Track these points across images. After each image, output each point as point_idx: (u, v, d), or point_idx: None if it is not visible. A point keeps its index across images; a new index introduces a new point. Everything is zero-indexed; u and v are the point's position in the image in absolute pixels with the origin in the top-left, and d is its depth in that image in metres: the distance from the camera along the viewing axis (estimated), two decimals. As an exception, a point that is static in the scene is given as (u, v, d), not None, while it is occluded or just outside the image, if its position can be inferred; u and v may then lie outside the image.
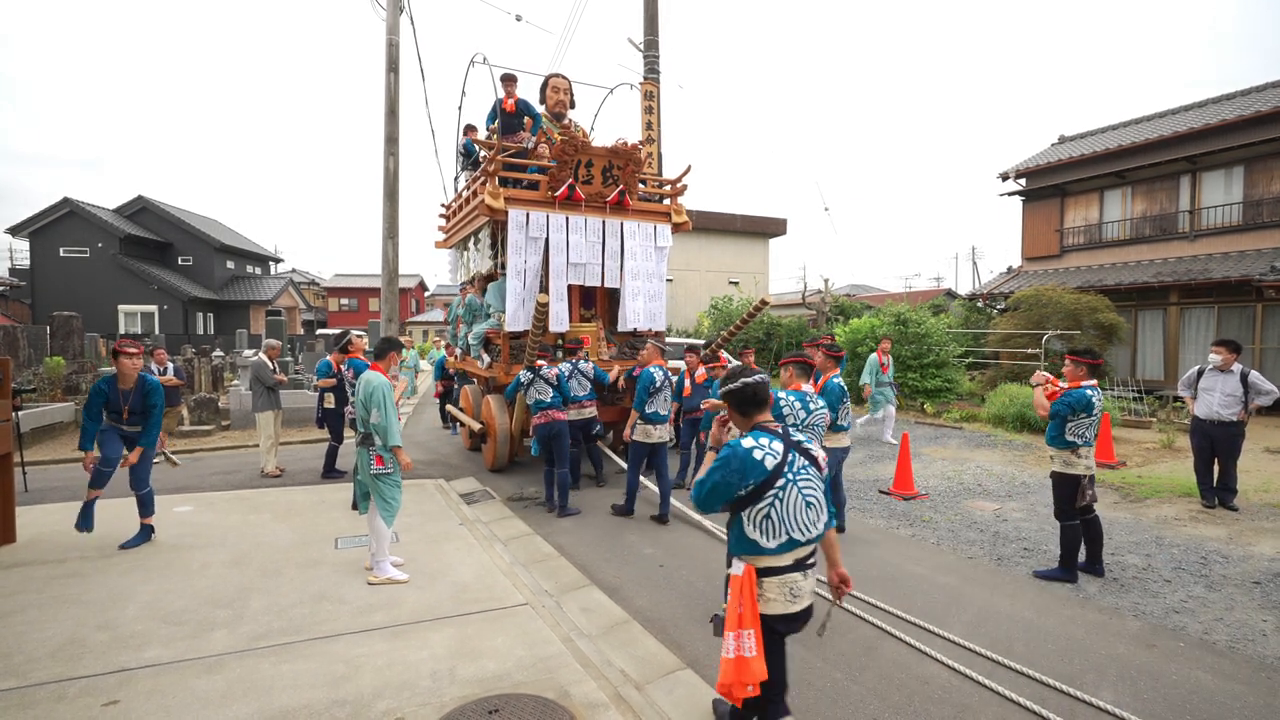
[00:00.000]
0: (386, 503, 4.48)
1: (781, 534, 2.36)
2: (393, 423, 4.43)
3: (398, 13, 9.75)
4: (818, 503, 2.44)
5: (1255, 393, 6.14)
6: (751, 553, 2.38)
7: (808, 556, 2.45)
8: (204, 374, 15.33)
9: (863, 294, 31.48)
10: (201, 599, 4.10)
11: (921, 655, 3.54)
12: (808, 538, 2.40)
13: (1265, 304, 12.71)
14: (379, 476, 4.47)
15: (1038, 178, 17.15)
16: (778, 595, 2.37)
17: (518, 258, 7.48)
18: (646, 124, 10.85)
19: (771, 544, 2.35)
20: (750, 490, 2.33)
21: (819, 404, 3.95)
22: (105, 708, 2.92)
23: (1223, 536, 5.50)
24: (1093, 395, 4.50)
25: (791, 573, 2.39)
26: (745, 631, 2.27)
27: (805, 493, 2.39)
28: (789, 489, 2.36)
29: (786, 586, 2.38)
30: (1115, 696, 3.13)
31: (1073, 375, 4.63)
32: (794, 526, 2.37)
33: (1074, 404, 4.46)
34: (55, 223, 28.70)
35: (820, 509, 2.45)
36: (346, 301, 46.35)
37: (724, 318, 18.85)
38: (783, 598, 2.38)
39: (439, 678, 3.20)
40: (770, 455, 2.35)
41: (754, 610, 2.31)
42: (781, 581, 2.38)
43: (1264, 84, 14.82)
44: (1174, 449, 9.07)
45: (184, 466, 8.51)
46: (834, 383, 5.42)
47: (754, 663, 2.24)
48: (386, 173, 9.66)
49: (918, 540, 5.52)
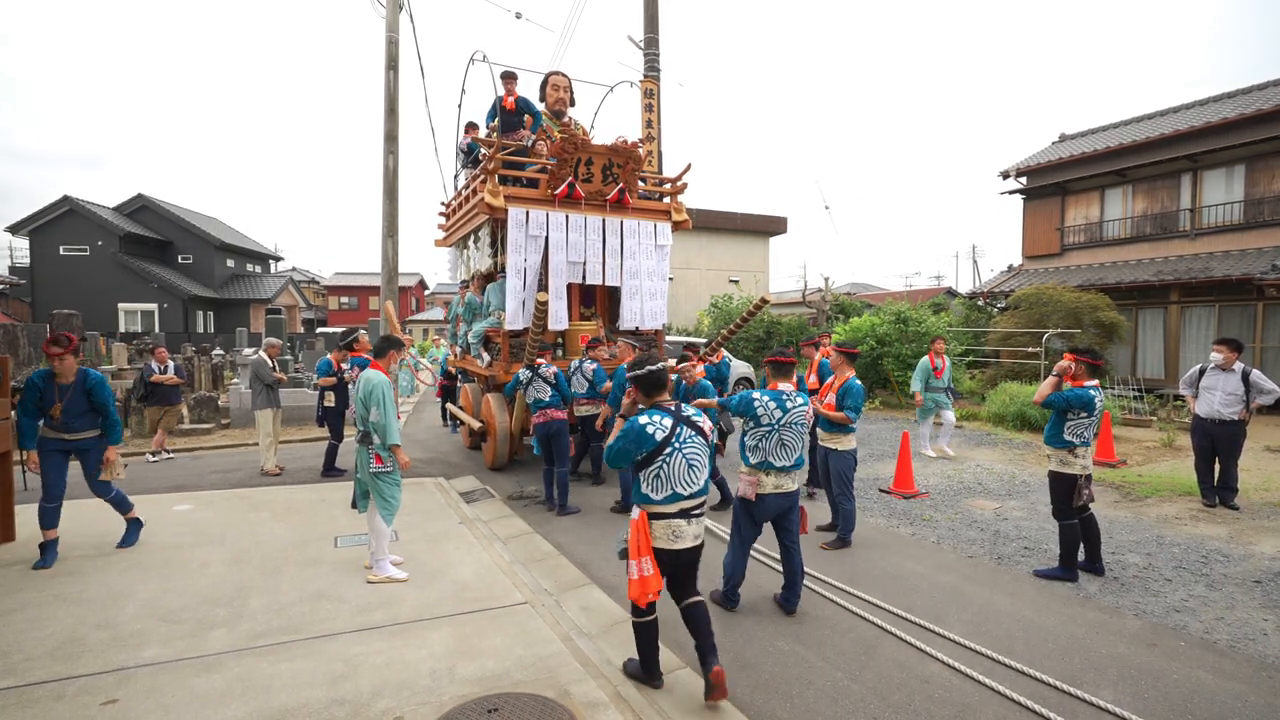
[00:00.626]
0: (386, 501, 4.45)
1: (667, 489, 3.03)
2: (391, 421, 4.39)
3: (397, 10, 9.73)
4: (700, 464, 3.11)
5: (1257, 392, 6.13)
6: (644, 503, 3.08)
7: (692, 508, 3.11)
8: (204, 372, 15.33)
9: (863, 292, 31.47)
10: (200, 598, 4.10)
11: (922, 654, 3.54)
12: (690, 492, 3.07)
13: (1266, 303, 12.70)
14: (378, 475, 4.44)
15: (1038, 176, 17.13)
16: (661, 535, 3.05)
17: (518, 256, 7.46)
18: (646, 122, 10.82)
19: (659, 496, 3.04)
20: (643, 456, 3.02)
21: (798, 401, 3.92)
22: (104, 706, 2.91)
23: (1224, 535, 5.49)
24: (1095, 395, 4.49)
25: (675, 519, 3.06)
26: (643, 559, 2.97)
27: (689, 458, 3.06)
28: (674, 455, 3.02)
29: (670, 529, 3.06)
30: (1116, 696, 3.13)
31: (1074, 375, 4.63)
32: (678, 483, 3.04)
33: (1074, 401, 4.45)
34: (55, 221, 28.71)
35: (702, 469, 3.12)
36: (346, 300, 46.35)
37: (724, 316, 18.84)
38: (666, 537, 3.05)
39: (438, 677, 3.19)
40: (660, 430, 3.02)
41: (647, 543, 3.00)
42: (666, 525, 3.06)
43: (1265, 82, 14.79)
44: (1174, 448, 9.07)
45: (182, 465, 8.50)
46: (855, 384, 5.30)
47: (651, 580, 2.96)
48: (386, 171, 9.64)
49: (918, 539, 5.51)
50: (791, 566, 4.04)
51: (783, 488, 3.88)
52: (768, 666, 3.44)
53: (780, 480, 3.87)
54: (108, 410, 4.91)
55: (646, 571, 2.96)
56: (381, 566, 4.44)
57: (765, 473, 3.86)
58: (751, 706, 3.08)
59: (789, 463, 3.86)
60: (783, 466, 3.85)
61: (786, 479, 3.89)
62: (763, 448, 3.83)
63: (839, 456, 5.31)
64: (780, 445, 3.83)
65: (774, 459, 3.83)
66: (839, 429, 5.33)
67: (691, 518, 3.10)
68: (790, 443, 3.85)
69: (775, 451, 3.83)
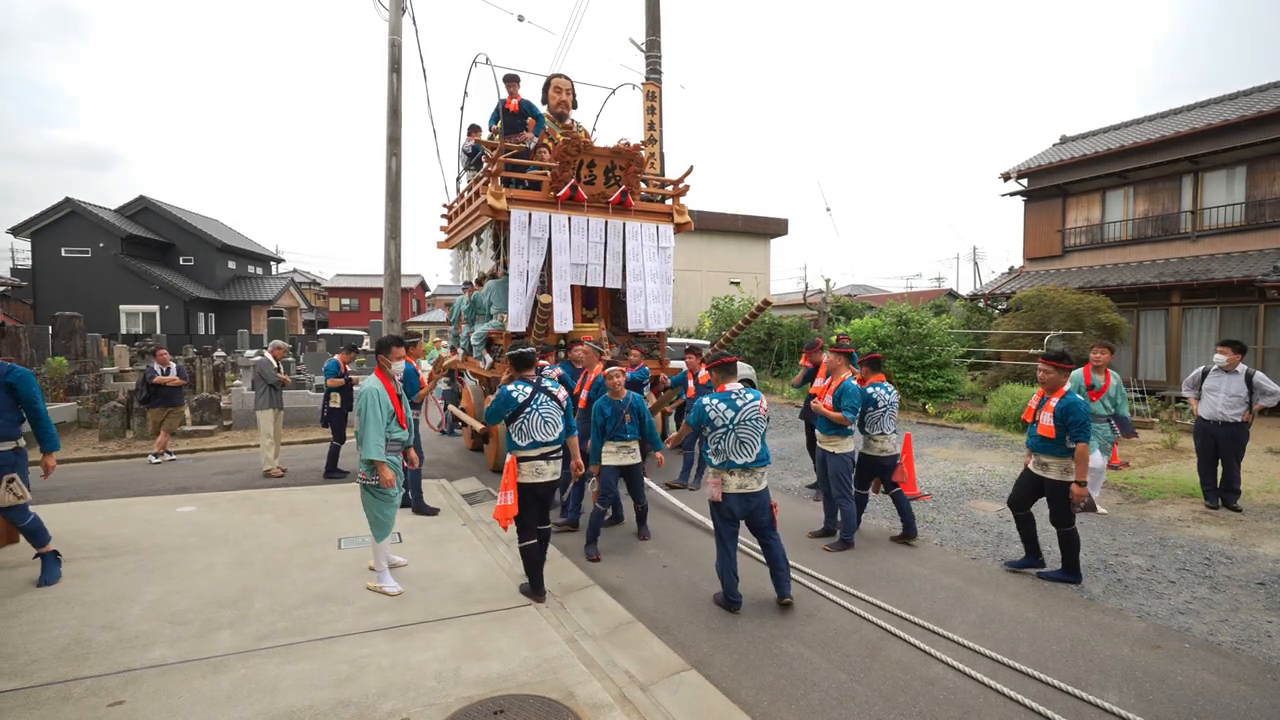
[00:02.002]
0: (374, 517, 4.27)
1: (529, 438, 4.06)
2: (370, 433, 4.13)
3: (400, 13, 9.76)
4: (554, 422, 4.15)
5: (1260, 393, 6.14)
6: (513, 449, 4.09)
7: (550, 452, 4.13)
8: (206, 374, 15.34)
9: (864, 294, 31.46)
10: (206, 599, 4.11)
11: (926, 656, 3.54)
12: (546, 440, 4.10)
13: (1268, 305, 12.70)
14: (365, 488, 4.26)
15: (1039, 178, 17.14)
16: (527, 472, 4.08)
17: (520, 258, 7.48)
18: (648, 124, 10.84)
19: (523, 443, 4.06)
20: (510, 414, 4.06)
21: (748, 399, 4.05)
22: (111, 708, 2.92)
23: (1226, 537, 5.49)
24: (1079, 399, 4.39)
25: (537, 460, 4.09)
26: (508, 491, 3.98)
27: (544, 416, 4.10)
28: (533, 414, 4.07)
29: (534, 468, 4.08)
30: (1120, 698, 3.13)
31: (1054, 383, 4.48)
32: (536, 434, 4.07)
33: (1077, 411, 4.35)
34: (57, 223, 28.75)
35: (555, 425, 4.15)
36: (348, 301, 46.32)
37: (725, 318, 18.85)
38: (530, 473, 4.08)
39: (444, 678, 3.20)
40: (521, 395, 4.06)
41: (515, 480, 4.03)
42: (530, 465, 4.08)
43: (1266, 84, 14.80)
44: (1177, 449, 9.07)
45: (184, 467, 8.51)
46: (851, 384, 5.26)
47: (509, 508, 3.96)
48: (389, 173, 9.67)
49: (921, 541, 5.52)
50: (772, 556, 4.20)
51: (746, 488, 4.04)
52: (772, 669, 3.44)
53: (744, 480, 4.04)
54: (34, 407, 4.29)
55: (508, 501, 3.96)
56: (380, 579, 4.31)
57: (729, 472, 4.04)
58: (756, 708, 3.09)
59: (750, 459, 4.02)
60: (744, 464, 4.01)
61: (750, 479, 4.05)
62: (722, 449, 4.03)
63: (837, 459, 5.31)
64: (739, 443, 4.01)
65: (734, 457, 4.01)
66: (837, 431, 5.31)
67: (550, 459, 4.14)
68: (748, 439, 4.03)
69: (734, 450, 4.01)
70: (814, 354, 7.36)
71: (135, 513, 6.10)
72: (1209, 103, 15.73)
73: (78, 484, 7.40)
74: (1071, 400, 4.36)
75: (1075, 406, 4.32)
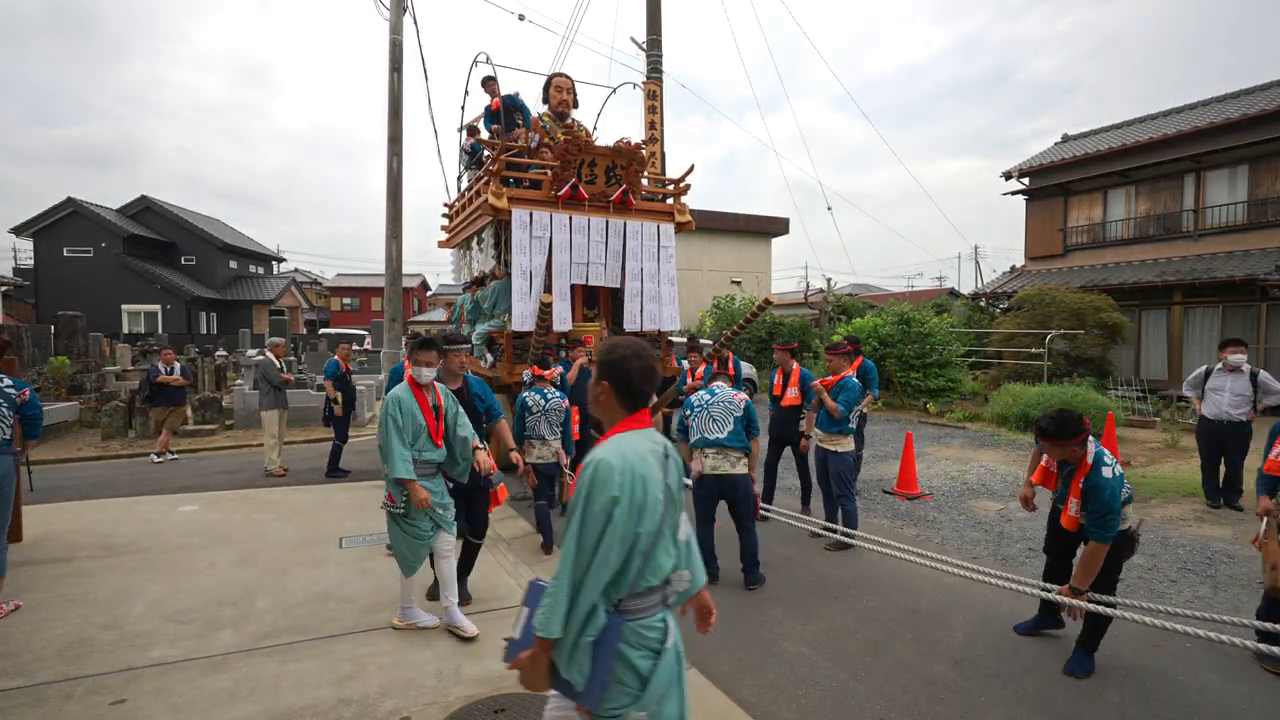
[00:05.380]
0: (399, 551, 3.64)
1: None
2: (394, 448, 3.46)
3: (401, 12, 9.76)
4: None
5: (1265, 392, 6.13)
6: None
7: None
8: (208, 373, 15.36)
9: (865, 293, 31.39)
10: (208, 598, 4.11)
11: (927, 656, 3.54)
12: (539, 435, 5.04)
13: (1270, 303, 12.68)
14: (389, 513, 3.60)
15: (1041, 177, 17.12)
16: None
17: (523, 257, 7.47)
18: (649, 123, 10.83)
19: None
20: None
21: (726, 390, 4.47)
22: (113, 706, 2.92)
23: (1228, 536, 5.48)
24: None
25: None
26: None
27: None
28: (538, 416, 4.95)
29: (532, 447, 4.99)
30: (1122, 698, 3.13)
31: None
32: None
33: None
34: (59, 222, 28.77)
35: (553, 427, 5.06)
36: (349, 301, 46.34)
37: (726, 317, 18.83)
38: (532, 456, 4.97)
39: (444, 677, 3.20)
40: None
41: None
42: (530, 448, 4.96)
43: (1268, 82, 14.76)
44: (1178, 449, 9.05)
45: (187, 466, 8.53)
46: (851, 380, 5.33)
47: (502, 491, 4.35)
48: (390, 172, 9.67)
49: (922, 540, 5.51)
50: (741, 544, 4.42)
51: (719, 469, 4.29)
52: (773, 668, 3.44)
53: (717, 462, 4.32)
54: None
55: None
56: (405, 614, 3.76)
57: (702, 451, 4.34)
58: (757, 707, 3.09)
59: (720, 434, 4.34)
60: (715, 440, 4.33)
61: (723, 461, 4.29)
62: (695, 426, 4.41)
63: (838, 458, 5.31)
64: (710, 419, 4.38)
65: (706, 432, 4.35)
66: (837, 430, 5.32)
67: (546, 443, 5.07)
68: (719, 417, 4.38)
69: (706, 426, 4.37)
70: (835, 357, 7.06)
71: (137, 512, 6.12)
72: (1210, 101, 15.69)
73: (80, 483, 7.42)
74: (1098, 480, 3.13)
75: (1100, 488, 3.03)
